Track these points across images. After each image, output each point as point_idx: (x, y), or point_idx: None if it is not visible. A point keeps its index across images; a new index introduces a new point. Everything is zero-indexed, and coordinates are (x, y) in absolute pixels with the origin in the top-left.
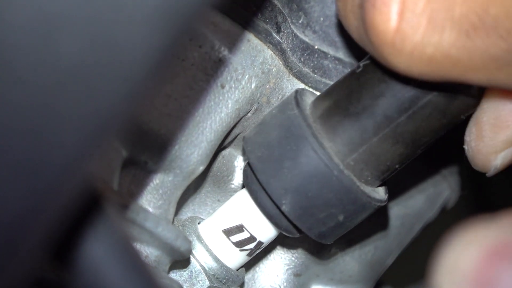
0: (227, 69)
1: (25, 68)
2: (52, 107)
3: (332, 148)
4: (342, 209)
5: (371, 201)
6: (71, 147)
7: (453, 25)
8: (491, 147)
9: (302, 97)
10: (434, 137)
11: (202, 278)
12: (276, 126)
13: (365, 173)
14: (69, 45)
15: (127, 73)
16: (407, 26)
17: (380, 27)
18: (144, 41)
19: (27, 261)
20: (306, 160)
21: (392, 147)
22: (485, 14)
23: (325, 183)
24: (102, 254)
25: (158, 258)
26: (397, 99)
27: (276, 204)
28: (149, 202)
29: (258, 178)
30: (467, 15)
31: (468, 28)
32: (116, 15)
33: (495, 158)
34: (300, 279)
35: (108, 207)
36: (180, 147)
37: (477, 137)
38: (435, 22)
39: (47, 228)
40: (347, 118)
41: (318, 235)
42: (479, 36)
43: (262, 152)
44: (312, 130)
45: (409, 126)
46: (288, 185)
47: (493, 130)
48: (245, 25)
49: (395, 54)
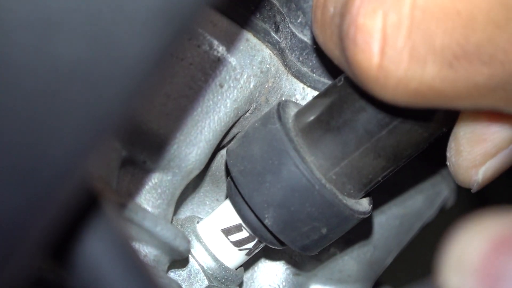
0: (226, 68)
1: (23, 67)
2: (50, 107)
3: (314, 162)
4: (325, 222)
5: (354, 214)
6: (70, 147)
7: (435, 57)
8: (470, 162)
9: (285, 110)
10: (416, 150)
11: (201, 277)
12: (259, 139)
13: (348, 187)
14: (67, 45)
15: (126, 73)
16: (389, 63)
17: (363, 64)
18: (143, 41)
19: (25, 260)
20: (288, 175)
21: (373, 161)
22: (466, 42)
23: (307, 197)
24: (101, 254)
25: (157, 258)
26: (378, 114)
27: (259, 218)
28: (148, 201)
29: (241, 192)
30: (449, 45)
31: (450, 58)
32: (114, 14)
33: (476, 173)
34: (298, 278)
35: (106, 207)
36: (179, 146)
37: (456, 152)
38: (417, 56)
39: (45, 228)
40: (328, 132)
41: (302, 248)
42: (462, 65)
43: (245, 166)
44: (294, 144)
45: (390, 140)
46: (270, 199)
47: (470, 144)
48: (244, 25)
49: (379, 88)
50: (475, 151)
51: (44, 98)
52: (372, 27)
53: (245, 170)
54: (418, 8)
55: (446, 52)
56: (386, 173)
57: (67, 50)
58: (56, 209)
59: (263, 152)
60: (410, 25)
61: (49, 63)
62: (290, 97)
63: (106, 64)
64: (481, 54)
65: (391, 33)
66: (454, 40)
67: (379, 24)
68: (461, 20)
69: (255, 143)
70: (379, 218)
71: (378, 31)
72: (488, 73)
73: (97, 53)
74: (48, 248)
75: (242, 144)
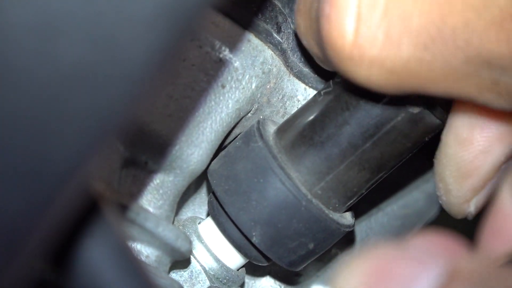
0: (228, 69)
1: (25, 70)
2: (52, 109)
3: (299, 178)
4: (312, 238)
5: (340, 228)
6: (72, 149)
7: (411, 38)
8: (460, 198)
9: (265, 127)
10: (399, 161)
11: (202, 278)
12: (242, 158)
13: (333, 201)
14: (69, 47)
15: (129, 75)
16: (363, 41)
17: (337, 42)
18: (145, 43)
19: (26, 264)
20: (274, 192)
21: (358, 174)
22: (443, 24)
23: (294, 213)
24: (101, 258)
25: (158, 258)
26: (361, 127)
27: (246, 236)
28: (150, 202)
29: (227, 211)
30: (425, 26)
31: (426, 40)
32: (117, 16)
33: (469, 206)
34: (300, 279)
35: (107, 210)
36: (181, 147)
37: (445, 192)
38: (393, 35)
39: (46, 231)
40: (312, 147)
41: (289, 264)
42: (437, 47)
43: (229, 185)
44: (278, 161)
45: (374, 152)
46: (257, 217)
47: (457, 182)
48: (246, 25)
49: (353, 68)
50: (464, 188)
51: (46, 100)
52: (346, 4)
53: (230, 190)
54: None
55: (422, 33)
56: (370, 185)
57: (69, 52)
58: (57, 212)
59: (248, 171)
60: (386, 3)
61: (51, 65)
62: (292, 97)
63: (109, 66)
64: (456, 38)
65: (366, 11)
66: (431, 21)
67: (354, 1)
68: (438, 1)
69: (238, 162)
70: (380, 218)
71: (353, 9)
72: (463, 57)
73: (100, 55)
74: (48, 252)
75: (225, 163)
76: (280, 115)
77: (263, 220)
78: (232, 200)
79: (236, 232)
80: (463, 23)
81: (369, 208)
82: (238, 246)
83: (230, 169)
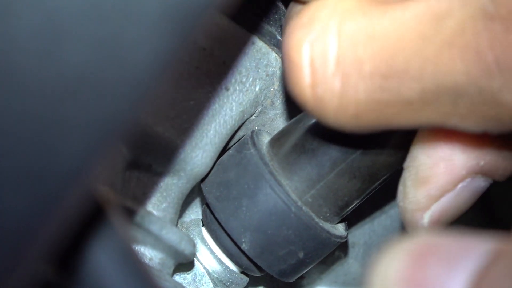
0: (232, 71)
1: (30, 74)
2: (57, 113)
3: (290, 186)
4: (301, 246)
5: (330, 237)
6: (76, 153)
7: (365, 82)
8: (414, 205)
9: (259, 137)
10: (390, 171)
11: (206, 280)
12: (234, 165)
13: (324, 209)
14: (75, 51)
15: (134, 77)
16: (322, 93)
17: (300, 97)
18: (150, 45)
19: (31, 267)
20: (264, 198)
21: (349, 182)
22: (394, 61)
23: (284, 220)
24: (106, 261)
25: (162, 261)
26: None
27: (236, 243)
28: (154, 205)
29: (217, 218)
30: (378, 67)
31: (380, 81)
32: (122, 20)
33: (422, 217)
34: (303, 281)
35: (112, 213)
36: (185, 149)
37: (403, 196)
38: (349, 83)
39: (51, 234)
40: (303, 154)
41: (279, 273)
42: (392, 85)
43: (221, 192)
44: (269, 168)
45: (365, 160)
46: (247, 224)
47: (415, 186)
48: (250, 28)
49: (322, 116)
50: (419, 194)
51: (51, 102)
52: (300, 60)
53: (221, 196)
54: (344, 35)
55: (375, 75)
56: (362, 196)
57: (74, 55)
58: (62, 216)
59: (239, 177)
60: (338, 53)
61: (57, 67)
62: None
63: (114, 69)
64: (410, 69)
65: (319, 64)
66: (382, 61)
67: (307, 56)
68: (388, 41)
69: (230, 169)
70: (383, 220)
71: (307, 63)
72: (419, 87)
73: (105, 58)
74: (53, 254)
75: (217, 171)
76: (283, 118)
77: (253, 226)
78: (222, 206)
79: (227, 240)
80: (415, 52)
81: (372, 210)
82: (230, 254)
83: (222, 176)
